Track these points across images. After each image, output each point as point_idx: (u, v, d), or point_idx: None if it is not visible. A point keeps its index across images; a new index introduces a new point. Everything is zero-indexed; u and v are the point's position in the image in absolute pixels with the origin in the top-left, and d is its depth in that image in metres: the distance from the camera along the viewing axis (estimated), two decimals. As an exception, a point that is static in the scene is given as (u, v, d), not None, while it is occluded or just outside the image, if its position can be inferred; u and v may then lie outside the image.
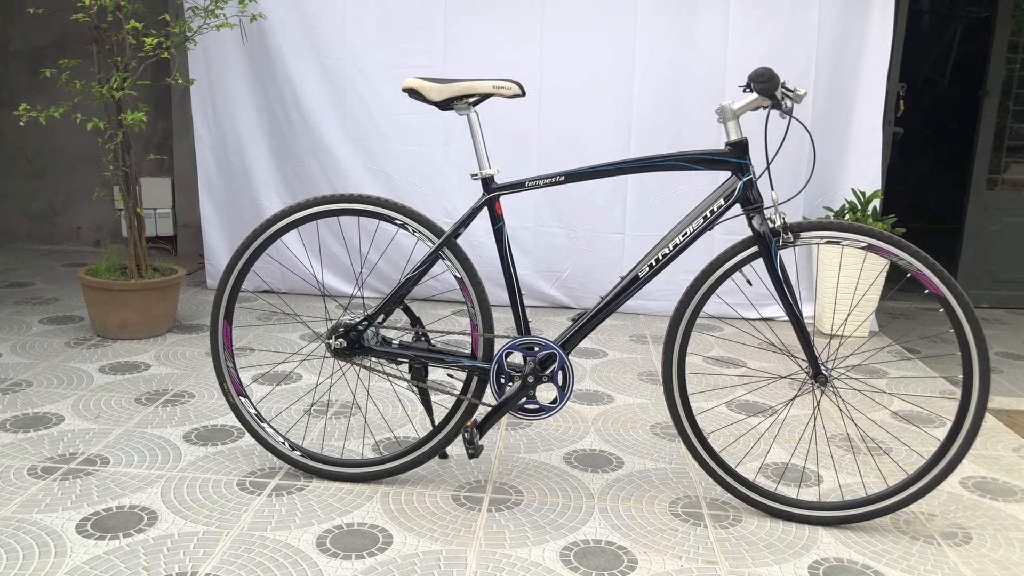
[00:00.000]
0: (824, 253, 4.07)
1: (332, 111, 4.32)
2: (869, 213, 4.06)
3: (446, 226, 2.30)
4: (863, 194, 4.10)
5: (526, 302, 4.57)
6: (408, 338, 2.37)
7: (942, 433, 2.85)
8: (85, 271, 3.68)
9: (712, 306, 2.30)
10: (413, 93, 2.26)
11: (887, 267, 3.98)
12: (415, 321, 2.38)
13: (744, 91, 2.17)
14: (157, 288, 3.66)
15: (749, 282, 2.29)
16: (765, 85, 2.05)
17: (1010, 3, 4.78)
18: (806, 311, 4.23)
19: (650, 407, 3.11)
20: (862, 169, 4.19)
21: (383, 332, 2.35)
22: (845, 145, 4.19)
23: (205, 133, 4.44)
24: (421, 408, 2.45)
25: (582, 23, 4.20)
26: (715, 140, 4.06)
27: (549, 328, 4.06)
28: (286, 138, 4.38)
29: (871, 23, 4.06)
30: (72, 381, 3.12)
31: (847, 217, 4.07)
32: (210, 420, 2.81)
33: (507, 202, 3.28)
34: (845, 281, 3.93)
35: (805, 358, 2.23)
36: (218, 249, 4.57)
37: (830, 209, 4.20)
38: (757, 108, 2.16)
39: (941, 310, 2.11)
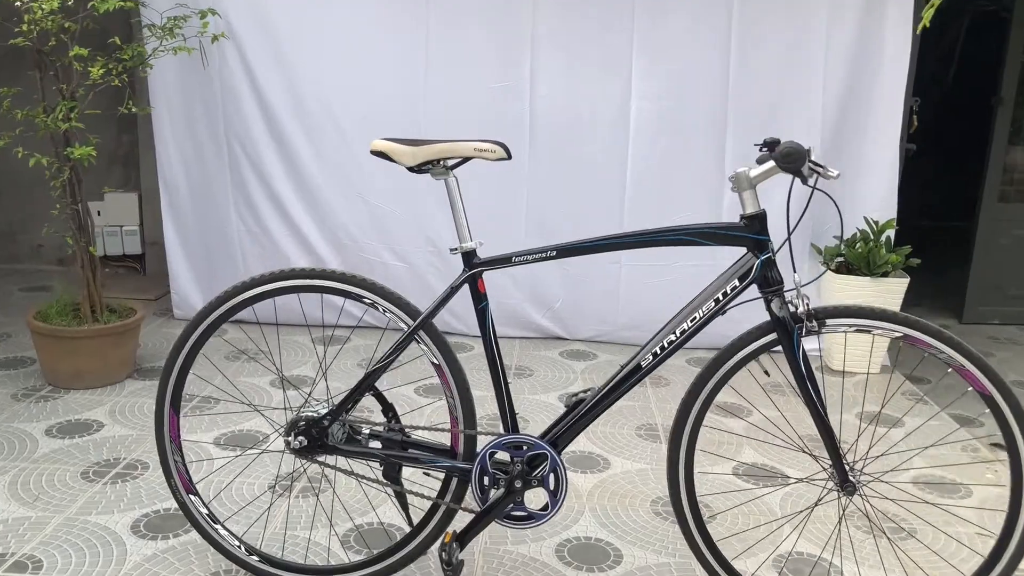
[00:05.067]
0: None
1: (304, 133, 4.00)
2: (882, 243, 3.79)
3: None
4: (876, 223, 3.82)
5: (516, 333, 4.22)
6: (380, 428, 2.09)
7: (969, 502, 2.62)
8: (35, 314, 3.38)
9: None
10: (382, 156, 1.97)
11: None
12: (387, 408, 2.10)
13: (760, 150, 1.89)
14: (113, 333, 3.36)
15: (767, 372, 2.03)
16: (792, 165, 1.76)
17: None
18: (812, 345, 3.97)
19: (650, 474, 2.84)
20: (875, 197, 3.92)
21: (351, 422, 2.07)
22: (857, 172, 3.89)
23: (166, 157, 4.12)
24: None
25: (574, 64, 3.90)
26: (716, 180, 3.84)
27: (539, 364, 3.78)
28: (254, 163, 4.06)
29: (885, 46, 3.78)
30: (14, 448, 2.83)
31: (858, 247, 3.80)
32: (162, 502, 2.52)
33: (497, 227, 2.94)
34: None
35: (828, 459, 1.97)
36: (183, 277, 4.29)
37: (840, 239, 3.92)
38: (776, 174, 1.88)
39: (987, 410, 1.84)
